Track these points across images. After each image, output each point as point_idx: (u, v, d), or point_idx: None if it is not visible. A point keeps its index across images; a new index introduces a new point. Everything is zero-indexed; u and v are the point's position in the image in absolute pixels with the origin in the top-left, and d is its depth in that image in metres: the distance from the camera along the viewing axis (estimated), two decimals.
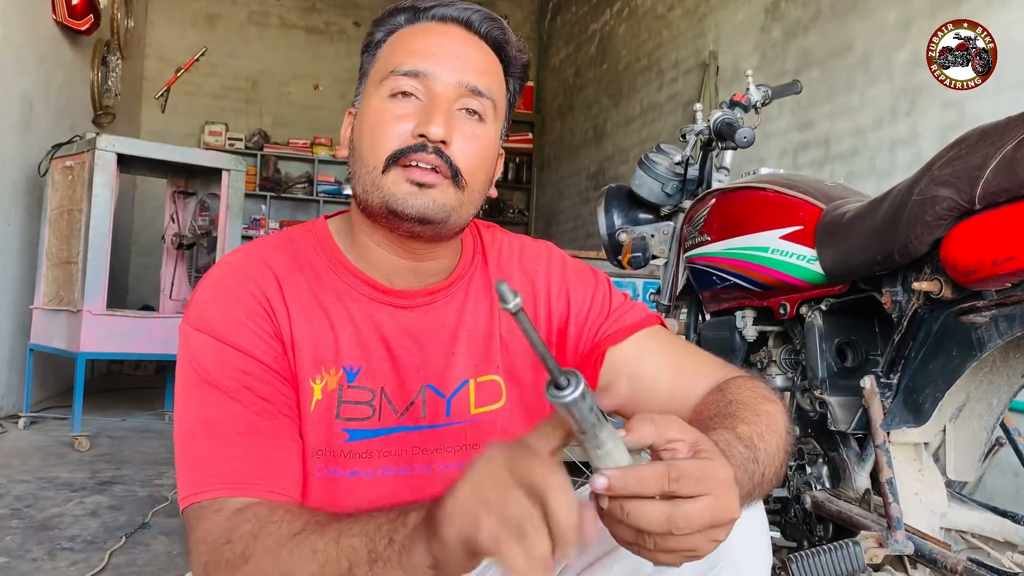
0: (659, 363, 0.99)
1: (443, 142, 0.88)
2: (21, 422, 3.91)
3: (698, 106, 2.17)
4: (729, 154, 2.05)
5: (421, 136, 0.88)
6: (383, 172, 0.89)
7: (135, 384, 5.71)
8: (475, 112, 0.92)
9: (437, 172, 0.88)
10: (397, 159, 0.88)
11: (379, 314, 0.96)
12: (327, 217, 1.03)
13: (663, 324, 1.05)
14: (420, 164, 0.88)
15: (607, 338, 1.01)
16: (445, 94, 0.90)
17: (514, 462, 0.58)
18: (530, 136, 8.14)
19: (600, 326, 1.02)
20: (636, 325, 1.02)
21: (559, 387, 0.55)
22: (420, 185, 0.88)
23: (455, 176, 0.89)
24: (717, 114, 1.93)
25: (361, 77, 0.98)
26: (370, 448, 0.94)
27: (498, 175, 1.00)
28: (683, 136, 2.07)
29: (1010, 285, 1.15)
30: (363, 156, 0.91)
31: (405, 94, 0.90)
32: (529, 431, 1.00)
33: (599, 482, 0.58)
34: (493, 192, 0.99)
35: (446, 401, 0.97)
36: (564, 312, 1.04)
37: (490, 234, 1.08)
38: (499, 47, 0.97)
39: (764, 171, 1.90)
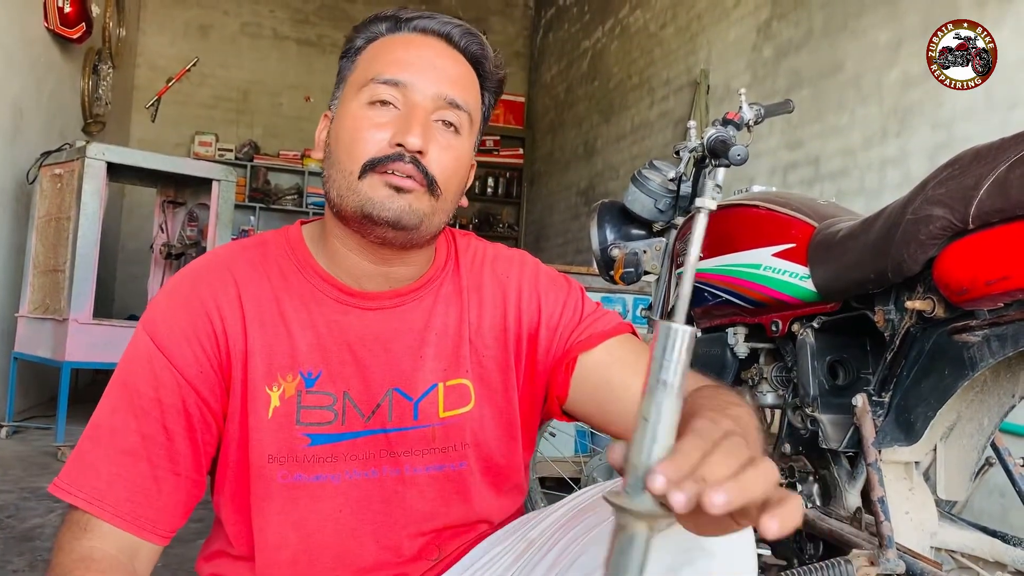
0: (629, 371, 0.99)
1: (420, 152, 0.90)
2: (3, 431, 3.86)
3: (691, 123, 2.18)
4: (722, 171, 2.05)
5: (399, 145, 0.90)
6: (359, 178, 0.90)
7: None
8: (451, 124, 0.94)
9: (413, 180, 0.90)
10: (374, 166, 0.90)
11: (345, 317, 0.97)
12: (303, 223, 1.05)
13: (634, 333, 1.06)
14: (396, 172, 0.89)
15: (578, 344, 1.02)
16: (423, 105, 0.92)
17: None
18: (521, 151, 8.17)
19: (572, 332, 1.03)
20: (607, 332, 1.03)
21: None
22: (398, 189, 0.90)
23: (430, 185, 0.91)
24: (711, 131, 1.94)
25: (339, 82, 1.00)
26: (335, 452, 0.95)
27: (468, 185, 1.02)
28: (676, 153, 2.08)
29: (1003, 305, 1.15)
30: (339, 160, 0.93)
31: (384, 103, 0.92)
32: (497, 435, 1.01)
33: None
34: (464, 202, 1.02)
35: (413, 404, 0.98)
36: (535, 317, 1.04)
37: (465, 241, 1.10)
38: (477, 62, 0.99)
39: (757, 189, 1.91)
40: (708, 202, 0.56)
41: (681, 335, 0.53)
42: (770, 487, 0.55)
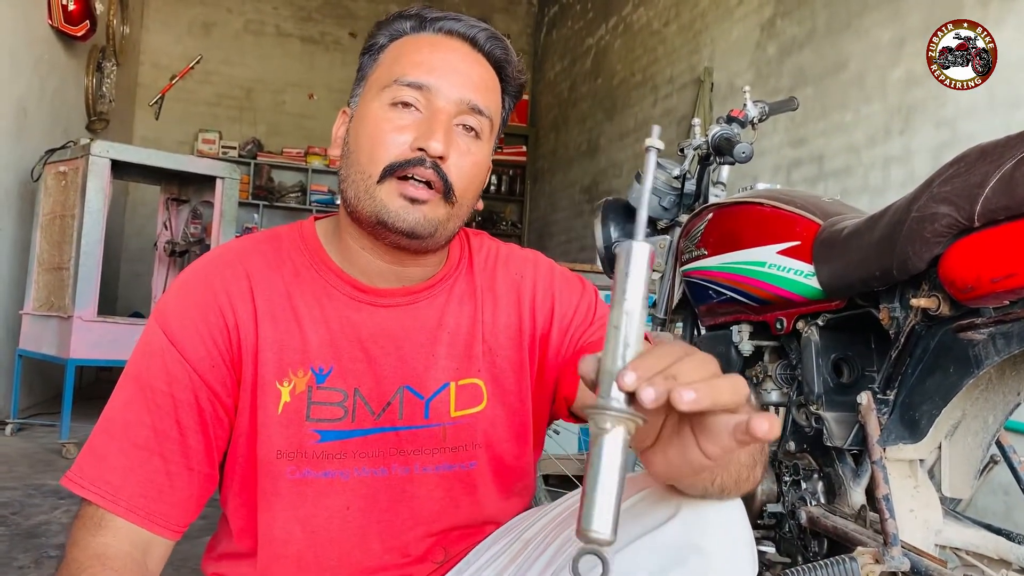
0: None
1: (441, 158, 0.89)
2: (8, 428, 3.87)
3: (696, 121, 2.18)
4: (726, 169, 2.06)
5: (420, 150, 0.89)
6: (378, 182, 0.90)
7: None
8: (472, 129, 0.94)
9: (431, 187, 0.90)
10: (394, 171, 0.89)
11: (357, 314, 0.96)
12: (316, 218, 1.05)
13: (646, 337, 1.05)
14: (416, 178, 0.89)
15: (588, 345, 1.01)
16: (446, 109, 0.91)
17: None
18: (524, 148, 8.16)
19: (583, 333, 1.02)
20: None
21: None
22: (413, 201, 0.89)
23: (447, 192, 0.91)
24: (716, 129, 1.94)
25: (360, 79, 0.99)
26: (344, 449, 0.94)
27: (483, 187, 1.02)
28: (681, 151, 2.08)
29: (1008, 302, 1.15)
30: (359, 162, 0.92)
31: (406, 105, 0.91)
32: (509, 436, 1.00)
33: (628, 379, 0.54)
34: (480, 205, 1.01)
35: (424, 402, 0.97)
36: (548, 317, 1.04)
37: (478, 241, 1.09)
38: (500, 66, 0.99)
39: (761, 186, 1.91)
40: (656, 142, 0.58)
41: (641, 250, 0.57)
42: (739, 398, 0.56)
